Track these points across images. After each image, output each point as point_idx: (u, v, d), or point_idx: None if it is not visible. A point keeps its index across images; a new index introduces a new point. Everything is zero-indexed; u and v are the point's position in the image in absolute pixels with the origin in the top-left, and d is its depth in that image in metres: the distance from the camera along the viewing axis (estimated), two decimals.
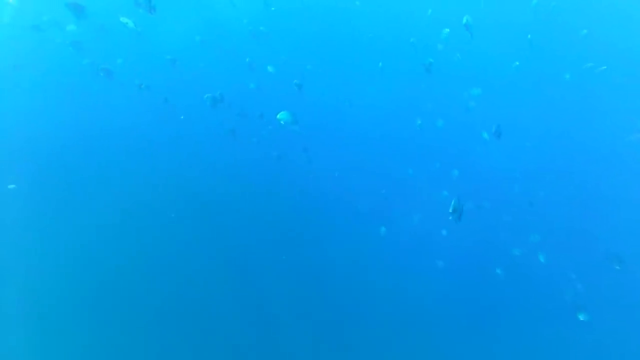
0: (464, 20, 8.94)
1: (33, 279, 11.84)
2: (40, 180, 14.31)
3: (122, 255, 12.75)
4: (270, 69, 14.45)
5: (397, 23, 20.61)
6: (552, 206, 17.18)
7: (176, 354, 10.99)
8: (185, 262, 13.05)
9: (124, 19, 10.64)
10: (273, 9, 17.87)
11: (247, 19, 18.48)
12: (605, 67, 15.56)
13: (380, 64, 12.33)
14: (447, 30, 13.97)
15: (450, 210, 6.70)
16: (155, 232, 13.71)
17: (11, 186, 13.11)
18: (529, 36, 16.83)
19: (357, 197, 16.19)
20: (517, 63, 13.71)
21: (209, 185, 15.48)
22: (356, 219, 15.66)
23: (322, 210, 15.87)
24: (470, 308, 14.42)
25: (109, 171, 15.24)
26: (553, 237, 15.94)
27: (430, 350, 12.73)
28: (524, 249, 15.44)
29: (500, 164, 18.33)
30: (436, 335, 13.20)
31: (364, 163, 17.80)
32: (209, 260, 13.23)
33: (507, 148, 18.64)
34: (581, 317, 11.76)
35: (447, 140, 18.25)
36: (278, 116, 8.85)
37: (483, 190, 17.02)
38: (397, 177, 17.49)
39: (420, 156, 18.29)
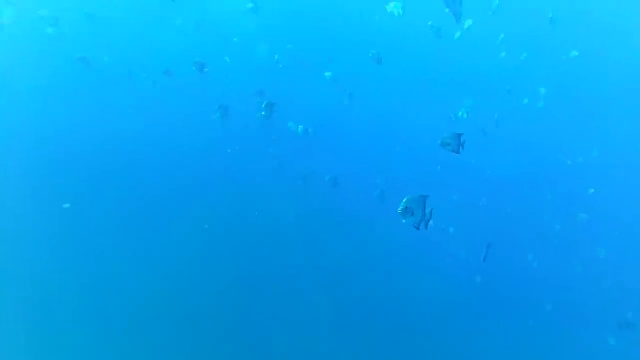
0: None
1: (38, 280, 11.47)
2: (36, 183, 13.87)
3: (126, 257, 12.43)
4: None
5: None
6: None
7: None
8: (196, 262, 12.74)
9: None
10: None
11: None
12: None
13: (371, 52, 10.73)
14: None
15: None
16: (163, 234, 13.37)
17: (66, 205, 12.94)
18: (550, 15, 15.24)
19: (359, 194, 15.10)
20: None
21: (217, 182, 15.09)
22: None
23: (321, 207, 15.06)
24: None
25: (107, 175, 14.79)
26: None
27: None
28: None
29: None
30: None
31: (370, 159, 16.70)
32: (220, 261, 12.92)
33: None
34: None
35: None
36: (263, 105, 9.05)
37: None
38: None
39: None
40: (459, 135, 5.30)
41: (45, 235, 12.63)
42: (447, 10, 5.90)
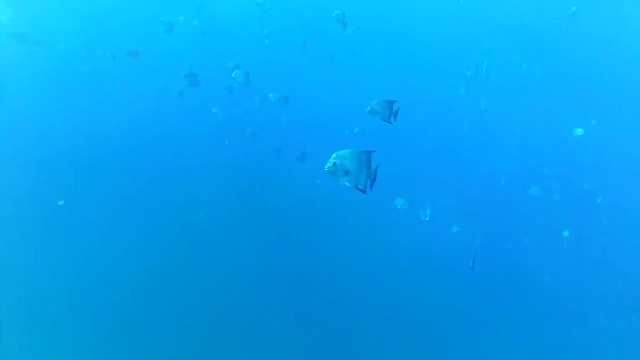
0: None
1: (36, 279, 11.42)
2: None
3: (122, 256, 12.22)
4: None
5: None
6: None
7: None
8: (190, 260, 12.44)
9: None
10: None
11: None
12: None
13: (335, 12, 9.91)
14: None
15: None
16: (154, 232, 13.05)
17: (60, 202, 12.75)
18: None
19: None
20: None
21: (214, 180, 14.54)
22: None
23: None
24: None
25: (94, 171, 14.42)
26: None
27: None
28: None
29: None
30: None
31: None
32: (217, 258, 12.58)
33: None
34: None
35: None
36: (233, 74, 8.80)
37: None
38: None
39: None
40: (391, 102, 4.46)
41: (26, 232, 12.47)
42: None
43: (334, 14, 9.07)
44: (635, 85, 17.20)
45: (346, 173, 3.42)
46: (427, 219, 11.15)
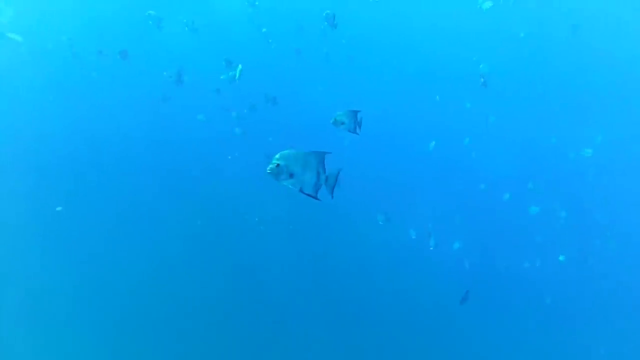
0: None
1: (34, 284, 11.34)
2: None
3: (123, 257, 12.23)
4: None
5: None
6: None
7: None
8: (190, 262, 12.40)
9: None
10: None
11: None
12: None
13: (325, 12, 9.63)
14: None
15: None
16: (157, 233, 12.99)
17: (59, 208, 12.68)
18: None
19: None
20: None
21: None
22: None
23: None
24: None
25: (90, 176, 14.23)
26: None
27: None
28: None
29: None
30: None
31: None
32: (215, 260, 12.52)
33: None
34: None
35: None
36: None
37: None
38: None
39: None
40: (356, 112, 4.25)
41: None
42: None
43: (324, 14, 8.82)
44: None
45: (291, 176, 2.95)
46: (432, 248, 10.99)
